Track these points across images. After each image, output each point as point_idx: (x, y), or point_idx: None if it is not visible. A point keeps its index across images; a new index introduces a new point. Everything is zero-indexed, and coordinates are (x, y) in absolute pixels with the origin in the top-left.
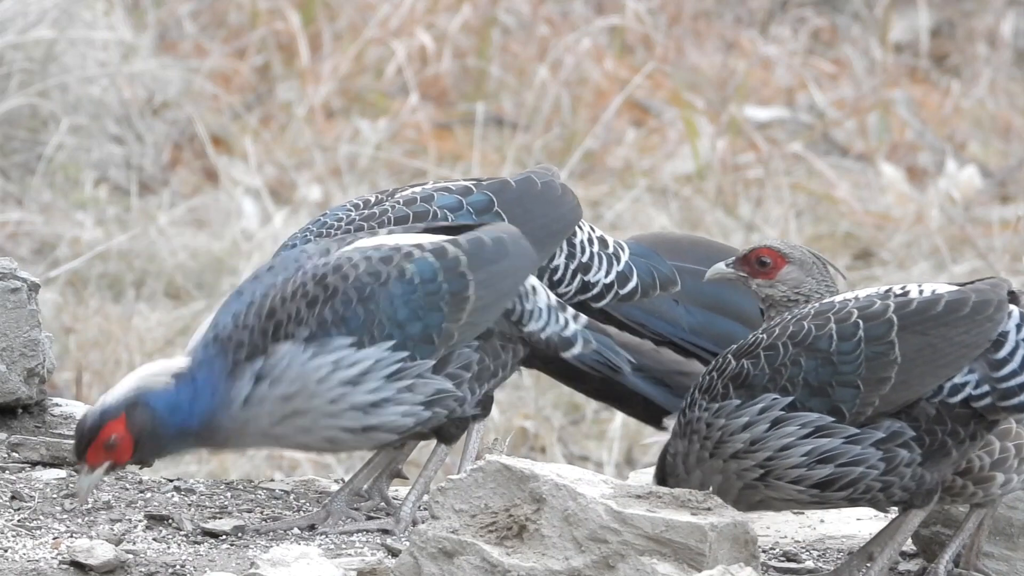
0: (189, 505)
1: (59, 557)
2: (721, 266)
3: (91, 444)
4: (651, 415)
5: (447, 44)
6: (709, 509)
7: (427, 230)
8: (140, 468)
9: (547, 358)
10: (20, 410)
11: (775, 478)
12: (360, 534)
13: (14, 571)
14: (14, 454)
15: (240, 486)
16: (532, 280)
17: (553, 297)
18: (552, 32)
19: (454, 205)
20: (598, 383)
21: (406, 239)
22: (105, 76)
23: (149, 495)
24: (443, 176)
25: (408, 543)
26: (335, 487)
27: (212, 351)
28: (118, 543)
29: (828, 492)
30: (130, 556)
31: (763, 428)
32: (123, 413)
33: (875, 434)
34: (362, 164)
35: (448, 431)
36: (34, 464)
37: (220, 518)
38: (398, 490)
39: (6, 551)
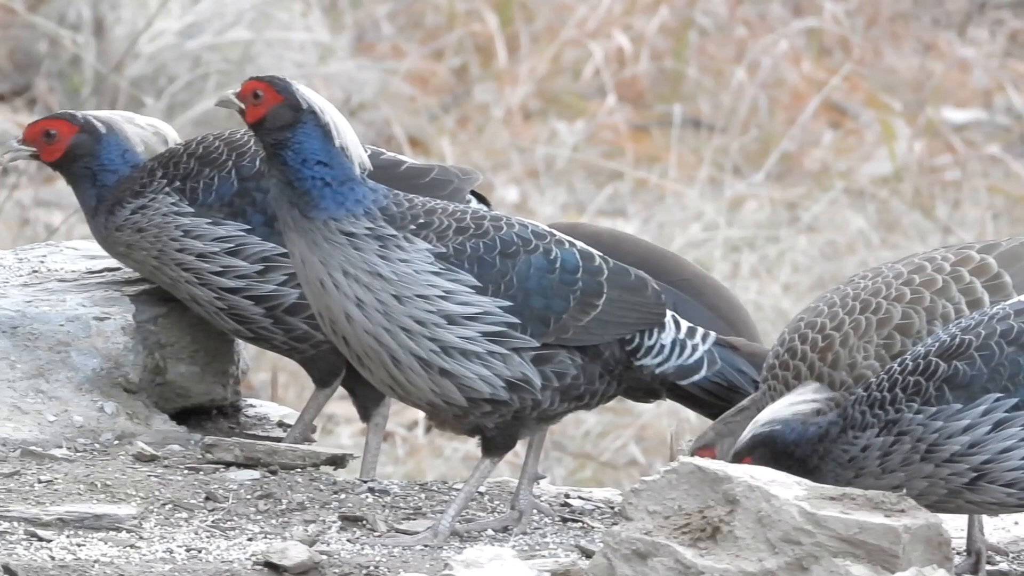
0: (383, 506)
1: (253, 558)
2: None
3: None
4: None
5: (644, 46)
6: (903, 511)
7: None
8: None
9: (651, 390)
10: (214, 411)
11: (988, 481)
12: (554, 535)
13: (208, 572)
14: (208, 455)
15: (434, 487)
16: (670, 314)
17: (684, 326)
18: (749, 34)
19: None
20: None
21: (555, 229)
22: (302, 77)
23: (343, 496)
24: (640, 179)
25: (602, 544)
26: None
27: (380, 188)
28: (312, 544)
29: None
30: (324, 557)
31: (984, 430)
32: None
33: None
34: (559, 166)
35: (495, 442)
36: (228, 465)
37: (414, 519)
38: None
39: (200, 552)
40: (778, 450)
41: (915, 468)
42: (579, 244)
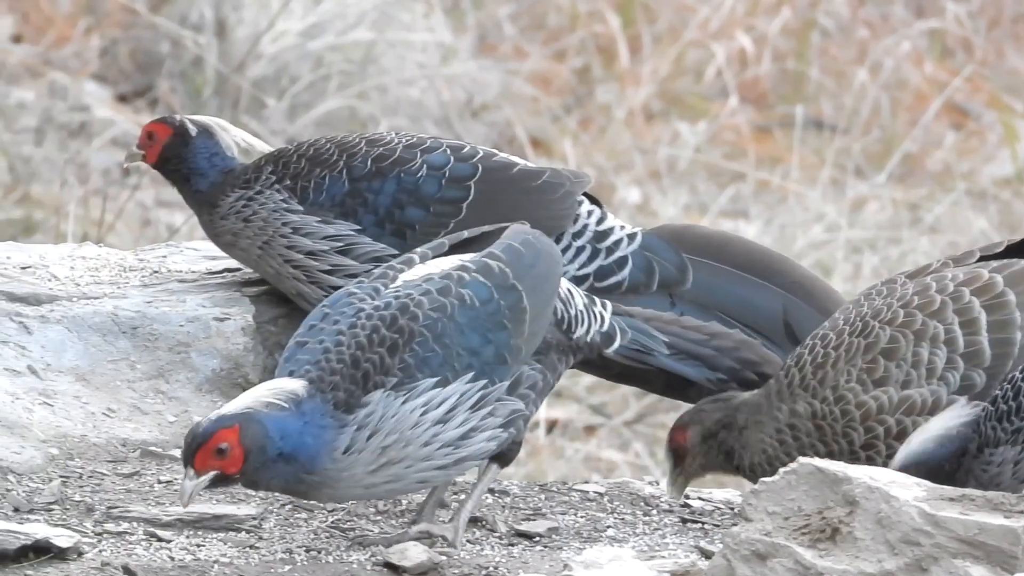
0: (503, 507)
1: (373, 558)
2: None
3: (200, 449)
4: (673, 389)
5: (766, 47)
6: (1022, 512)
7: (452, 246)
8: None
9: (590, 360)
10: None
11: None
12: (674, 536)
13: (328, 572)
14: None
15: (554, 488)
16: (565, 284)
17: (583, 295)
18: (871, 35)
19: (440, 162)
20: (621, 367)
21: (446, 264)
22: (424, 78)
23: (463, 497)
24: (762, 180)
25: (721, 545)
26: (649, 489)
27: (307, 391)
28: (431, 545)
29: None
30: (443, 558)
31: None
32: (238, 424)
33: None
34: (681, 167)
35: (504, 455)
36: None
37: (534, 520)
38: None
39: (320, 552)
40: (932, 468)
41: None
42: (470, 264)
